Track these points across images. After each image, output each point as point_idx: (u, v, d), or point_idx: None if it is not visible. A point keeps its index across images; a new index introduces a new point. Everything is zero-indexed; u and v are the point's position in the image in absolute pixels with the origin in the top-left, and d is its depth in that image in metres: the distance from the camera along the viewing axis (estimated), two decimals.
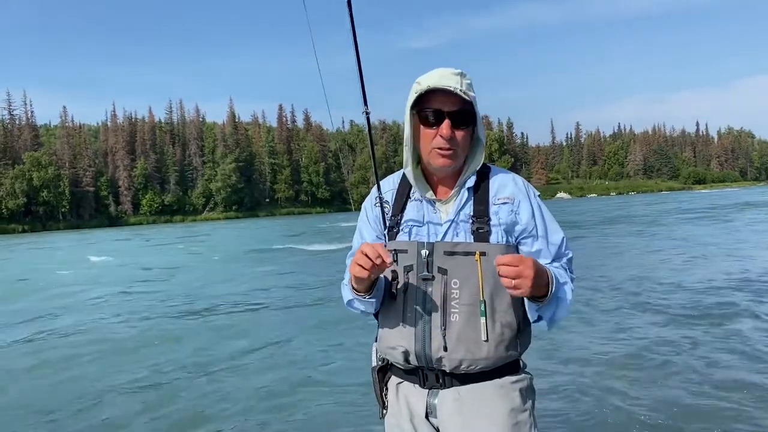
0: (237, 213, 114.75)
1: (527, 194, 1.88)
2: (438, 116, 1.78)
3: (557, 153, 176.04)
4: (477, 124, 1.82)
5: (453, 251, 1.79)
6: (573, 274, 1.91)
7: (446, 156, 1.80)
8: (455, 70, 1.78)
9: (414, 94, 1.79)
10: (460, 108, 1.77)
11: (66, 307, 11.93)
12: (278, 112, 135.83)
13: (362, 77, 1.83)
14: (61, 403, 5.69)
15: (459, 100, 1.76)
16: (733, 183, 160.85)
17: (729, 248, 15.56)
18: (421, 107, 1.80)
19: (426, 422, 1.87)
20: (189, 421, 5.06)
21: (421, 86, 1.78)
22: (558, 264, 1.87)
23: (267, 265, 18.71)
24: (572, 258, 1.94)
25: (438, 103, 1.77)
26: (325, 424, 4.84)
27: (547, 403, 4.83)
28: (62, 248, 35.91)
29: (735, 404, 4.66)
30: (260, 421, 4.97)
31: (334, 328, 8.34)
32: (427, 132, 1.81)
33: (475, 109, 1.79)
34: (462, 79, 1.77)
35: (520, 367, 1.92)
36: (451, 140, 1.77)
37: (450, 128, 1.77)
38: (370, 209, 2.00)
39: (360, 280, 1.73)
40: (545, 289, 1.69)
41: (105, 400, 5.71)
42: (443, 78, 1.76)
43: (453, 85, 1.74)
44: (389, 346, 1.89)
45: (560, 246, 1.89)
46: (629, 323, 7.60)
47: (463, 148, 1.83)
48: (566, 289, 1.80)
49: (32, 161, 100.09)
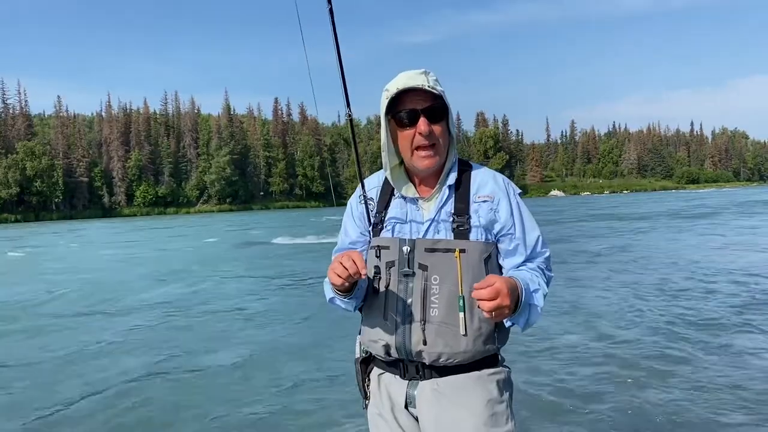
0: (231, 206, 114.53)
1: (507, 192, 1.93)
2: (413, 115, 1.84)
3: (552, 151, 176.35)
4: (449, 119, 1.89)
5: (433, 248, 1.85)
6: (550, 272, 1.97)
7: (429, 155, 1.86)
8: (419, 70, 1.85)
9: (385, 100, 1.85)
10: (432, 104, 1.83)
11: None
12: (274, 105, 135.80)
13: (345, 81, 1.90)
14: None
15: (430, 97, 1.82)
16: (726, 183, 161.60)
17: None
18: (395, 111, 1.86)
19: (405, 412, 1.93)
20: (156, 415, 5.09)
21: (390, 91, 1.84)
22: (533, 264, 1.92)
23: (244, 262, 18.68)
24: (549, 257, 1.99)
25: (410, 103, 1.83)
26: (307, 413, 4.89)
27: (524, 396, 4.92)
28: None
29: (728, 405, 4.73)
30: (240, 412, 5.02)
31: (316, 321, 8.38)
32: (405, 133, 1.86)
33: (446, 102, 1.85)
34: (427, 76, 1.84)
35: (498, 361, 1.97)
36: (429, 135, 1.83)
37: (427, 124, 1.82)
38: (355, 206, 2.06)
39: (337, 285, 1.79)
40: (516, 303, 1.75)
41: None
42: (410, 79, 1.82)
43: (420, 83, 1.81)
44: (371, 339, 1.94)
45: (536, 245, 1.94)
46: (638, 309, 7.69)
47: (444, 142, 1.89)
48: (538, 295, 1.84)
49: (26, 151, 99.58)
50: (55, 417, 5.08)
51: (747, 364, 5.65)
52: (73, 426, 4.86)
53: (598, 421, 4.49)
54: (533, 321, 1.85)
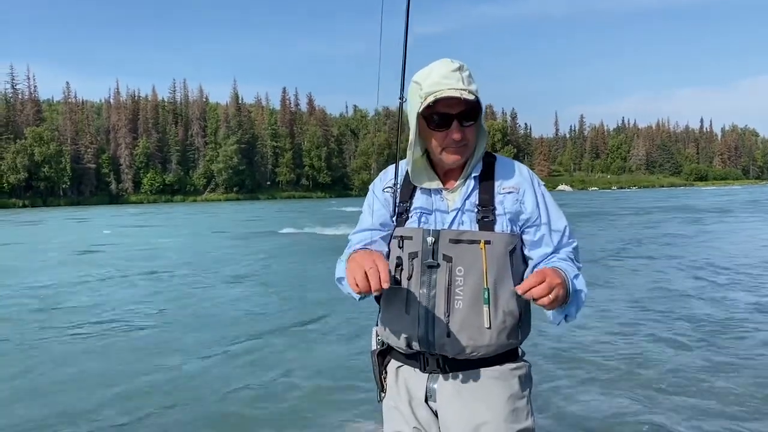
0: (238, 195, 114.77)
1: (532, 183, 1.90)
2: (445, 119, 1.78)
3: (560, 145, 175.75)
4: (481, 115, 1.84)
5: (458, 239, 1.80)
6: (579, 263, 1.92)
7: (458, 152, 1.82)
8: (453, 65, 1.77)
9: (419, 103, 1.76)
10: (466, 108, 1.77)
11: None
12: (282, 95, 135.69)
13: (404, 68, 1.82)
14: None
15: (465, 100, 1.75)
16: (735, 181, 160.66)
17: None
18: (427, 111, 1.79)
19: (425, 406, 1.89)
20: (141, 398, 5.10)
21: (422, 90, 1.76)
22: (563, 255, 1.87)
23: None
24: (578, 247, 1.94)
25: (444, 107, 1.77)
26: (320, 404, 4.88)
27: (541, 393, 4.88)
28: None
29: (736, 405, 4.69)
30: (244, 404, 5.02)
31: (322, 311, 8.37)
32: (436, 134, 1.81)
33: (480, 103, 1.79)
34: (462, 74, 1.76)
35: (519, 355, 1.94)
36: (461, 139, 1.79)
37: (459, 130, 1.78)
38: (379, 193, 2.00)
39: (352, 290, 1.69)
40: (566, 291, 1.70)
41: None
42: (444, 79, 1.74)
43: (456, 87, 1.73)
44: (392, 331, 1.90)
45: (563, 234, 1.89)
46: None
47: (473, 140, 1.85)
48: (579, 281, 1.80)
49: (34, 136, 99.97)
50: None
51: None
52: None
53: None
54: (581, 307, 1.80)
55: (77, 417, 4.74)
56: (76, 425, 4.58)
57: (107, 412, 4.81)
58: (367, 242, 1.91)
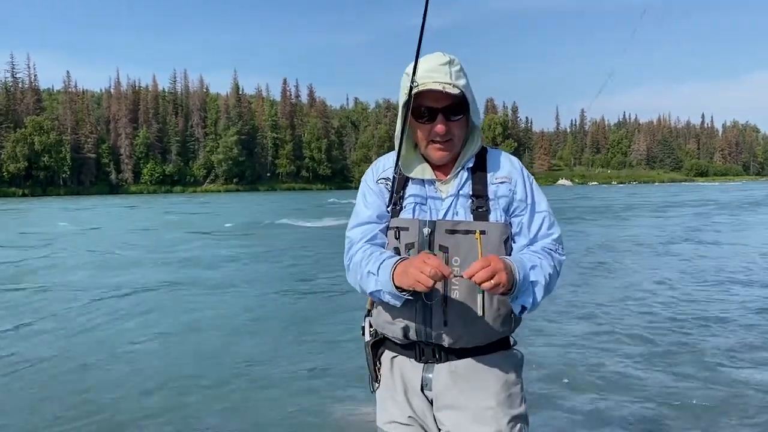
0: (238, 186, 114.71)
1: (522, 173, 1.94)
2: (431, 113, 1.81)
3: (561, 139, 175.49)
4: (470, 110, 1.84)
5: (454, 230, 1.83)
6: (560, 254, 1.92)
7: (442, 149, 1.85)
8: (443, 59, 1.79)
9: (404, 95, 1.78)
10: (451, 102, 1.79)
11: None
12: (282, 86, 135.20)
13: (417, 56, 1.73)
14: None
15: (450, 94, 1.77)
16: (735, 177, 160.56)
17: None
18: (413, 104, 1.81)
19: (420, 395, 1.92)
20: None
21: (410, 80, 1.76)
22: (537, 247, 1.88)
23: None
24: (559, 238, 1.94)
25: (429, 100, 1.79)
26: (310, 391, 4.89)
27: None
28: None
29: (741, 398, 4.70)
30: (234, 400, 5.03)
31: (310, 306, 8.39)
32: (422, 126, 1.85)
33: (466, 98, 1.80)
34: (450, 68, 1.78)
35: (511, 344, 1.98)
36: (446, 134, 1.81)
37: (444, 123, 1.80)
38: (373, 184, 2.00)
39: (423, 287, 1.65)
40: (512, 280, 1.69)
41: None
42: (432, 72, 1.77)
43: (442, 81, 1.75)
44: (388, 321, 1.92)
45: (541, 226, 1.90)
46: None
47: (460, 136, 1.87)
48: (536, 272, 1.79)
49: (34, 125, 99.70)
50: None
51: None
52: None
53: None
54: (539, 299, 1.80)
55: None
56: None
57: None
58: (369, 237, 1.93)
